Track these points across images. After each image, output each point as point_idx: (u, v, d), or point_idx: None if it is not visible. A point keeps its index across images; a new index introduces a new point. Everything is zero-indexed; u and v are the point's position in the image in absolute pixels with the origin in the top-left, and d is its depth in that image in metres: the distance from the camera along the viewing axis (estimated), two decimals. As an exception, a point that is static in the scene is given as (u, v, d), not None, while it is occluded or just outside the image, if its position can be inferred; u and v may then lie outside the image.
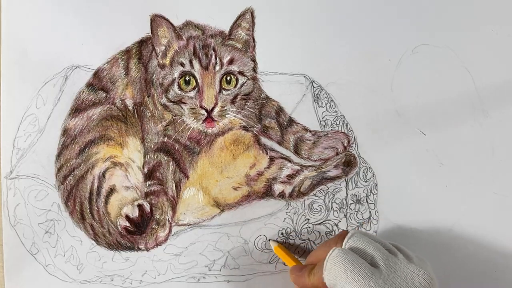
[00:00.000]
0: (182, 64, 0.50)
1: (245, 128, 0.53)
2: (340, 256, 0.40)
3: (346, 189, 0.52)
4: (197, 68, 0.50)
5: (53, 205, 0.52)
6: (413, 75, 0.52)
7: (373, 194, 0.52)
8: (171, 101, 0.51)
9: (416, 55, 0.52)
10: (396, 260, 0.40)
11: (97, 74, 0.52)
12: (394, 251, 0.42)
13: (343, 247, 0.42)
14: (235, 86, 0.51)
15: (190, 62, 0.50)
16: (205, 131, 0.52)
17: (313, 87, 0.52)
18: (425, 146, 0.52)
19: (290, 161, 0.53)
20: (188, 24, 0.52)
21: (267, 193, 0.53)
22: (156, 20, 0.51)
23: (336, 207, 0.52)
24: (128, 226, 0.51)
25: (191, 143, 0.52)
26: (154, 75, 0.52)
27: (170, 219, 0.52)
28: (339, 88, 0.52)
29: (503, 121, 0.52)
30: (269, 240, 0.52)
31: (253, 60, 0.52)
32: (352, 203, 0.52)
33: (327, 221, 0.52)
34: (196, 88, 0.50)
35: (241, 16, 0.51)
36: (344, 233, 0.44)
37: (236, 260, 0.52)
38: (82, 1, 0.52)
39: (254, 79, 0.52)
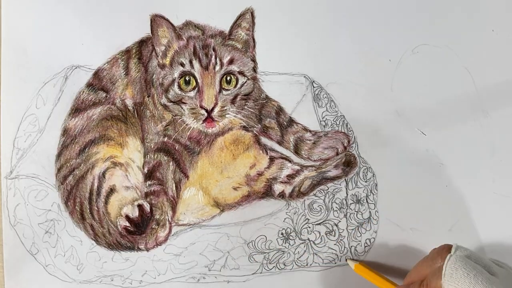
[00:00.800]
0: (182, 64, 0.50)
1: (245, 128, 0.53)
2: (460, 261, 0.38)
3: (346, 189, 0.52)
4: (197, 68, 0.50)
5: (53, 205, 0.52)
6: (413, 75, 0.52)
7: (373, 194, 0.52)
8: (171, 101, 0.51)
9: (416, 55, 0.52)
10: (505, 271, 0.40)
11: (97, 74, 0.52)
12: (500, 264, 0.42)
13: (452, 254, 0.40)
14: (235, 86, 0.51)
15: (190, 62, 0.50)
16: (205, 131, 0.52)
17: (313, 87, 0.52)
18: (425, 146, 0.52)
19: (290, 161, 0.53)
20: (188, 24, 0.52)
21: (267, 193, 0.53)
22: (156, 20, 0.51)
23: (336, 207, 0.52)
24: (128, 226, 0.51)
25: (191, 143, 0.52)
26: (154, 75, 0.52)
27: (170, 219, 0.52)
28: (339, 88, 0.52)
29: (503, 121, 0.52)
30: (347, 259, 0.51)
31: (253, 60, 0.52)
32: (352, 203, 0.52)
33: (327, 221, 0.52)
34: (196, 88, 0.50)
35: (241, 16, 0.51)
36: (445, 245, 0.42)
37: (236, 260, 0.52)
38: (82, 1, 0.52)
39: (254, 79, 0.52)
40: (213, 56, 0.50)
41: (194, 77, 0.50)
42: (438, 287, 0.39)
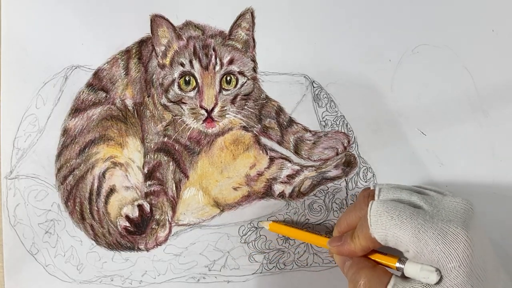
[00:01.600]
0: (182, 64, 0.50)
1: (245, 128, 0.53)
2: (381, 206, 0.39)
3: (346, 189, 0.52)
4: (197, 68, 0.50)
5: (53, 205, 0.52)
6: (413, 75, 0.52)
7: (373, 194, 0.52)
8: (171, 101, 0.51)
9: (416, 55, 0.52)
10: (432, 197, 0.41)
11: (97, 74, 0.52)
12: (425, 192, 0.42)
13: (376, 199, 0.41)
14: (235, 86, 0.51)
15: (190, 62, 0.50)
16: (205, 131, 0.52)
17: (313, 87, 0.52)
18: (425, 146, 0.52)
19: (290, 161, 0.53)
20: (188, 24, 0.52)
21: (267, 193, 0.53)
22: (156, 20, 0.51)
23: (336, 207, 0.52)
24: (128, 226, 0.51)
25: (191, 143, 0.52)
26: (154, 75, 0.52)
27: (170, 219, 0.52)
28: (339, 88, 0.52)
29: (503, 121, 0.52)
30: (259, 222, 0.51)
31: (253, 60, 0.52)
32: (352, 203, 0.52)
33: (327, 221, 0.52)
34: (196, 88, 0.50)
35: (241, 16, 0.51)
36: (368, 190, 0.43)
37: (236, 260, 0.52)
38: (82, 1, 0.52)
39: (254, 79, 0.52)
40: (213, 56, 0.50)
41: (194, 77, 0.50)
42: (368, 236, 0.39)
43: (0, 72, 0.52)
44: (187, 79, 0.50)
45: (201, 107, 0.50)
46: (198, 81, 0.50)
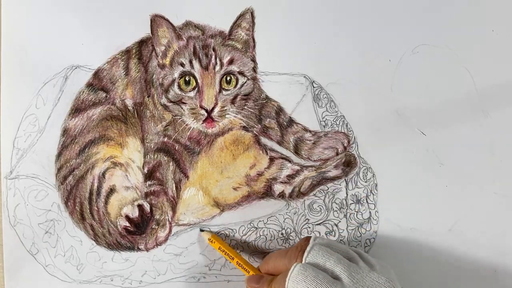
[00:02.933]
0: (182, 64, 0.50)
1: (245, 128, 0.52)
2: (302, 273, 0.40)
3: (346, 189, 0.52)
4: (197, 68, 0.50)
5: (53, 205, 0.52)
6: (413, 75, 0.52)
7: (373, 194, 0.52)
8: (171, 101, 0.51)
9: (416, 55, 0.52)
10: (358, 270, 0.41)
11: (97, 74, 0.52)
12: (356, 259, 0.42)
13: (303, 261, 0.42)
14: (235, 86, 0.51)
15: (190, 62, 0.50)
16: (205, 131, 0.52)
17: (313, 87, 0.52)
18: (425, 146, 0.52)
19: (290, 161, 0.53)
20: (188, 24, 0.52)
21: (267, 193, 0.52)
22: (156, 20, 0.51)
23: (336, 207, 0.52)
24: (128, 226, 0.51)
25: (191, 143, 0.52)
26: (154, 75, 0.52)
27: (170, 219, 0.52)
28: (339, 88, 0.52)
29: (503, 121, 0.52)
30: (201, 230, 0.52)
31: (253, 60, 0.52)
32: (352, 203, 0.52)
33: (327, 221, 0.52)
34: (196, 88, 0.50)
35: (241, 16, 0.51)
36: (304, 243, 0.44)
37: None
38: (82, 1, 0.52)
39: (254, 79, 0.52)
40: (213, 56, 0.50)
41: (194, 77, 0.50)
42: None
43: (0, 72, 0.52)
44: (187, 79, 0.50)
45: (201, 107, 0.50)
46: (198, 81, 0.50)
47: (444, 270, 0.52)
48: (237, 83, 0.51)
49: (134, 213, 0.50)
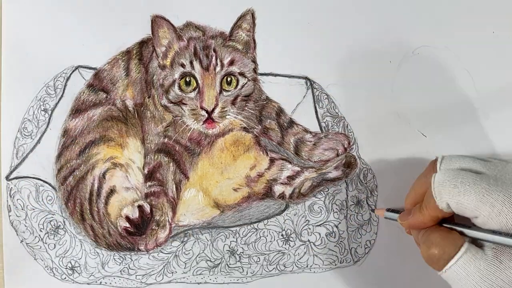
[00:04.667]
0: (183, 65, 0.50)
1: (245, 129, 0.52)
2: (443, 176, 0.40)
3: (347, 190, 0.52)
4: (197, 69, 0.50)
5: (53, 205, 0.52)
6: (414, 77, 0.52)
7: (373, 195, 0.52)
8: (171, 102, 0.51)
9: (416, 57, 0.52)
10: (495, 164, 0.41)
11: (97, 75, 0.52)
12: (487, 159, 0.43)
13: (438, 170, 0.42)
14: (236, 87, 0.51)
15: (191, 63, 0.50)
16: (205, 132, 0.52)
17: (314, 88, 0.52)
18: (425, 148, 0.52)
19: (290, 162, 0.53)
20: (188, 25, 0.52)
21: (267, 194, 0.52)
22: (157, 21, 0.51)
23: (336, 208, 0.52)
24: (128, 227, 0.51)
25: (191, 144, 0.52)
26: (155, 76, 0.52)
27: (170, 220, 0.52)
28: (340, 90, 0.52)
29: (503, 123, 0.51)
30: (372, 210, 0.51)
31: (254, 61, 0.52)
32: (353, 204, 0.52)
33: (327, 223, 0.52)
34: (197, 89, 0.50)
35: (241, 17, 0.51)
36: (434, 160, 0.44)
37: (236, 262, 0.52)
38: (82, 2, 0.52)
39: (255, 80, 0.52)
40: (214, 57, 0.50)
41: (195, 78, 0.50)
42: (435, 206, 0.40)
43: (1, 72, 0.52)
44: (187, 80, 0.50)
45: (202, 108, 0.50)
46: (199, 82, 0.50)
47: (444, 271, 0.52)
48: (237, 84, 0.51)
49: (134, 214, 0.50)
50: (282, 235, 0.52)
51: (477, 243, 0.40)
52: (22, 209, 0.52)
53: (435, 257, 0.40)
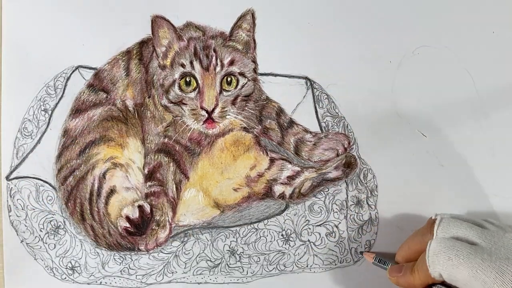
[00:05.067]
0: (183, 65, 0.50)
1: (245, 129, 0.52)
2: (438, 246, 0.40)
3: (347, 190, 0.52)
4: (197, 69, 0.50)
5: (54, 205, 0.52)
6: (414, 77, 0.52)
7: (373, 195, 0.52)
8: (171, 102, 0.51)
9: (416, 57, 0.52)
10: (492, 233, 0.41)
11: (97, 75, 0.52)
12: (485, 226, 0.43)
13: (435, 235, 0.42)
14: (236, 87, 0.51)
15: (191, 63, 0.50)
16: (205, 132, 0.52)
17: (314, 88, 0.52)
18: (425, 148, 0.52)
19: (290, 162, 0.53)
20: (188, 25, 0.52)
21: (268, 194, 0.52)
22: (157, 21, 0.51)
23: (337, 208, 0.52)
24: (128, 227, 0.51)
25: (191, 144, 0.52)
26: (155, 76, 0.52)
27: (170, 220, 0.52)
28: (340, 90, 0.52)
29: (503, 122, 0.51)
30: (361, 252, 0.52)
31: (254, 61, 0.52)
32: (353, 204, 0.52)
33: (327, 223, 0.52)
34: (197, 89, 0.50)
35: (242, 17, 0.51)
36: (432, 220, 0.44)
37: (236, 261, 0.52)
38: (82, 2, 0.52)
39: (255, 80, 0.52)
40: (214, 57, 0.50)
41: (195, 78, 0.50)
42: (426, 273, 0.41)
43: (1, 72, 0.52)
44: (187, 80, 0.50)
45: (202, 108, 0.50)
46: (199, 82, 0.50)
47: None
48: (237, 84, 0.51)
49: (134, 214, 0.50)
50: (282, 235, 0.52)
51: None
52: (22, 209, 0.52)
53: None
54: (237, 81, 0.51)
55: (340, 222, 0.52)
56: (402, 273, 0.44)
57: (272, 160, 0.53)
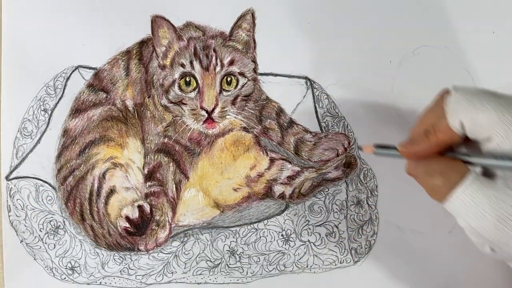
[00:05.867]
0: (183, 65, 0.50)
1: (245, 129, 0.52)
2: (459, 94, 0.36)
3: (347, 190, 0.52)
4: (197, 69, 0.50)
5: (53, 206, 0.52)
6: (414, 77, 0.52)
7: (373, 195, 0.52)
8: (171, 102, 0.51)
9: (416, 57, 0.52)
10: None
11: (97, 74, 0.52)
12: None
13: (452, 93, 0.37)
14: (236, 87, 0.51)
15: (191, 63, 0.50)
16: (205, 132, 0.52)
17: (314, 88, 0.52)
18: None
19: (290, 162, 0.52)
20: (188, 25, 0.52)
21: (267, 194, 0.52)
22: (157, 21, 0.51)
23: (337, 208, 0.52)
24: (128, 227, 0.50)
25: (191, 144, 0.52)
26: (155, 76, 0.52)
27: (170, 220, 0.51)
28: (340, 90, 0.52)
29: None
30: (359, 147, 0.46)
31: (254, 61, 0.51)
32: (353, 204, 0.52)
33: (327, 223, 0.52)
34: (197, 89, 0.50)
35: (241, 17, 0.51)
36: (445, 89, 0.39)
37: (236, 262, 0.52)
38: (82, 2, 0.52)
39: (255, 80, 0.52)
40: (214, 57, 0.50)
41: (195, 78, 0.50)
42: (444, 128, 0.36)
43: (1, 72, 0.52)
44: (187, 80, 0.50)
45: (202, 108, 0.50)
46: (199, 82, 0.50)
47: (444, 272, 0.52)
48: (237, 84, 0.51)
49: (134, 214, 0.50)
50: (282, 235, 0.52)
51: (484, 173, 0.36)
52: (22, 209, 0.52)
53: (439, 187, 0.36)
54: (237, 81, 0.51)
55: (340, 222, 0.52)
56: (416, 140, 0.38)
57: (272, 160, 0.52)
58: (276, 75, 0.52)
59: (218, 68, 0.50)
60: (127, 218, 0.50)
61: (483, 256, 0.52)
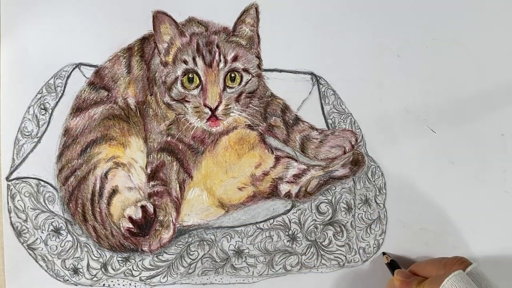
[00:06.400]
0: (185, 62, 0.49)
1: (250, 126, 0.52)
2: (458, 280, 0.41)
3: (354, 188, 0.51)
4: (200, 66, 0.49)
5: (55, 206, 0.52)
6: (423, 71, 0.51)
7: (381, 193, 0.51)
8: (174, 100, 0.50)
9: (425, 51, 0.51)
10: None
11: (98, 72, 0.52)
12: None
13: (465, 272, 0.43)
14: (240, 84, 0.50)
15: (194, 59, 0.49)
16: (209, 130, 0.51)
17: (320, 84, 0.51)
18: (434, 144, 0.51)
19: (296, 160, 0.52)
20: (191, 21, 0.51)
21: (273, 193, 0.52)
22: (159, 17, 0.50)
23: (344, 207, 0.51)
24: (131, 228, 0.50)
25: (195, 142, 0.52)
26: (157, 73, 0.51)
27: (174, 220, 0.51)
28: (347, 85, 0.51)
29: (515, 118, 0.51)
30: (384, 253, 0.51)
31: (258, 57, 0.51)
32: (360, 203, 0.51)
33: (334, 222, 0.52)
34: (200, 86, 0.49)
35: (245, 12, 0.50)
36: (462, 260, 0.45)
37: (242, 262, 0.52)
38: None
39: (259, 76, 0.51)
40: (217, 53, 0.49)
41: (198, 74, 0.49)
42: None
43: (1, 71, 0.52)
44: (190, 76, 0.49)
45: (205, 105, 0.49)
46: (202, 78, 0.49)
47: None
48: (241, 81, 0.50)
49: (137, 214, 0.50)
50: (288, 234, 0.52)
51: None
52: (23, 211, 0.52)
53: None
54: (241, 77, 0.50)
55: (347, 222, 0.51)
56: (409, 281, 0.45)
57: (277, 158, 0.52)
58: (281, 71, 0.51)
59: (221, 65, 0.49)
60: (130, 219, 0.50)
61: (494, 253, 0.51)
